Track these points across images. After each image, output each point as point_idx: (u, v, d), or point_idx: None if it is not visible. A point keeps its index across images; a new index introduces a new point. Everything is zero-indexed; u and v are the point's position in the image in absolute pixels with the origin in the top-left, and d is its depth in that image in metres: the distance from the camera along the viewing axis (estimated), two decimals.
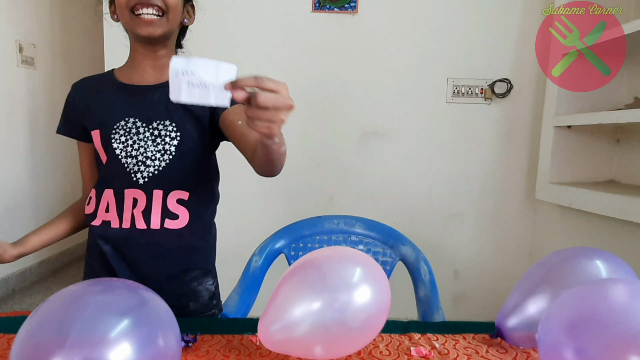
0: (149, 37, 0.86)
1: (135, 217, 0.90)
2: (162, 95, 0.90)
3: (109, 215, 0.92)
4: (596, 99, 1.72)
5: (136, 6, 0.82)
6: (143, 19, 0.83)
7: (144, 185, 0.90)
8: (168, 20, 0.86)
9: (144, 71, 0.93)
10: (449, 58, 1.94)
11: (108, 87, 0.94)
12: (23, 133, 2.63)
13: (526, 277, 0.75)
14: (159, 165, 0.90)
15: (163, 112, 0.90)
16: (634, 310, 0.53)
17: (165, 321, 0.54)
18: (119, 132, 0.90)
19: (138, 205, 0.90)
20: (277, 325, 0.61)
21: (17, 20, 2.54)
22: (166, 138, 0.90)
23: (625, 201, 1.36)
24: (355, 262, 0.66)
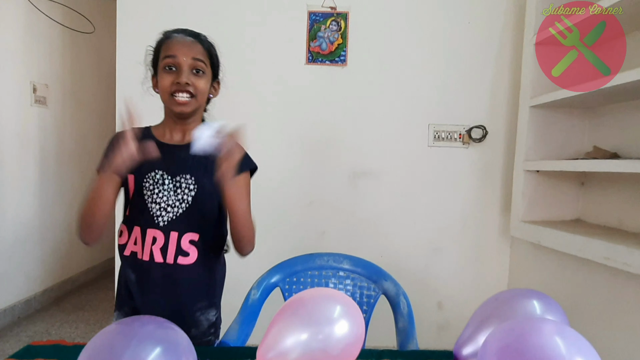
0: (181, 113, 1.09)
1: (154, 252, 1.08)
2: (186, 153, 1.08)
3: (136, 247, 1.10)
4: (562, 146, 1.89)
5: (174, 91, 1.06)
6: (178, 100, 1.06)
7: (164, 227, 1.08)
8: (197, 100, 1.09)
9: (173, 132, 1.15)
10: (430, 106, 2.12)
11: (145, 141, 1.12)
12: (33, 167, 2.79)
13: (478, 312, 0.91)
14: (177, 212, 1.09)
15: (185, 168, 1.11)
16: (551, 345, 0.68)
17: (187, 349, 0.69)
18: (148, 182, 1.09)
19: (157, 242, 1.08)
20: (273, 353, 0.76)
21: (31, 63, 2.73)
22: (185, 190, 1.10)
23: (582, 241, 1.53)
24: (336, 301, 0.81)
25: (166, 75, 1.07)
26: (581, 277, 1.71)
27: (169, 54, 1.07)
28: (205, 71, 1.09)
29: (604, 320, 1.59)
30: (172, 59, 1.06)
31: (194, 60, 1.07)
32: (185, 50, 1.07)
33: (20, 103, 2.65)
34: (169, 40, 1.11)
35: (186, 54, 1.06)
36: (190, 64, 1.07)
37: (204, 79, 1.09)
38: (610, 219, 1.74)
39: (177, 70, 1.07)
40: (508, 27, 2.08)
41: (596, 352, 0.66)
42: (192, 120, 1.14)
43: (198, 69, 1.08)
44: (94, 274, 3.50)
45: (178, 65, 1.06)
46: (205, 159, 1.08)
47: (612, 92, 1.49)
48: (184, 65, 1.06)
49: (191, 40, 1.10)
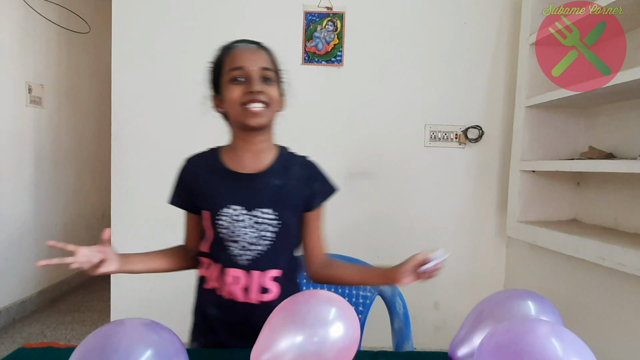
0: (257, 126, 0.99)
1: (235, 292, 1.01)
2: (264, 184, 1.02)
3: (217, 284, 1.04)
4: (557, 146, 1.90)
5: (246, 102, 0.97)
6: (251, 111, 0.97)
7: (245, 266, 1.01)
8: (271, 110, 1.00)
9: (245, 157, 1.04)
10: (427, 106, 2.12)
11: (216, 172, 1.04)
12: (29, 168, 2.77)
13: (473, 313, 0.91)
14: (259, 250, 1.01)
15: (265, 201, 1.01)
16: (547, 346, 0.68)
17: (179, 351, 0.69)
18: (222, 218, 1.00)
19: (239, 282, 1.01)
20: (267, 355, 0.76)
21: (27, 63, 2.72)
22: (267, 226, 1.00)
23: (578, 241, 1.53)
24: (331, 303, 0.80)
25: (235, 87, 0.98)
26: (577, 277, 1.72)
27: (236, 65, 0.99)
28: (274, 79, 1.01)
29: (599, 320, 1.59)
30: (240, 70, 0.98)
31: (263, 70, 0.99)
32: (253, 59, 0.99)
33: (15, 103, 2.64)
34: (232, 51, 1.02)
35: (254, 62, 0.99)
36: (260, 72, 0.98)
37: (274, 86, 1.00)
38: (606, 219, 1.74)
39: (246, 81, 0.98)
40: (504, 27, 2.08)
41: (592, 353, 0.66)
42: (265, 138, 1.04)
43: (267, 77, 0.99)
44: (90, 275, 3.48)
45: (247, 76, 0.98)
46: (282, 188, 1.03)
47: (607, 92, 1.50)
48: (253, 74, 0.97)
49: (255, 47, 1.03)
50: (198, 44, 2.12)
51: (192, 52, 2.12)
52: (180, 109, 2.13)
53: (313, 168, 1.11)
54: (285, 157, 1.09)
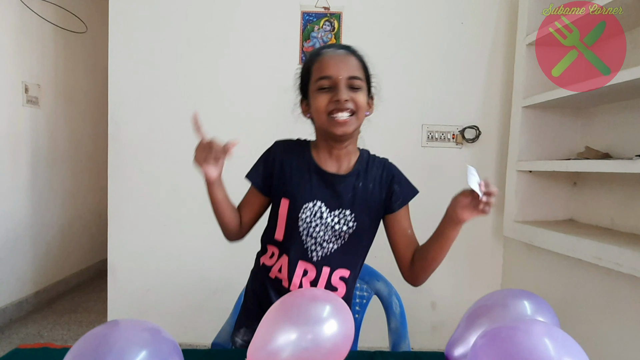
0: (343, 135, 1.00)
1: (303, 284, 1.03)
2: (347, 185, 1.04)
3: (281, 275, 1.05)
4: (554, 146, 1.90)
5: (333, 111, 0.97)
6: (338, 120, 0.97)
7: (317, 262, 1.03)
8: (358, 118, 1.00)
9: (331, 159, 1.06)
10: (424, 106, 2.12)
11: (305, 165, 1.06)
12: (25, 168, 2.76)
13: (469, 313, 0.91)
14: (332, 248, 1.03)
15: (345, 202, 1.03)
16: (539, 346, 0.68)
17: (173, 352, 0.69)
18: (305, 213, 1.02)
19: (308, 275, 1.03)
20: (264, 352, 0.76)
21: (23, 63, 2.71)
22: (344, 226, 1.03)
23: (574, 241, 1.53)
24: (325, 300, 0.81)
25: (322, 96, 0.98)
26: (573, 277, 1.72)
27: (323, 74, 0.98)
28: (362, 87, 1.00)
29: (596, 319, 1.60)
30: (328, 79, 0.98)
31: (351, 79, 0.98)
32: (341, 67, 0.98)
33: (11, 103, 2.63)
34: (320, 58, 1.01)
35: (341, 71, 0.97)
36: (347, 81, 0.97)
37: (362, 94, 1.00)
38: (602, 219, 1.75)
39: (334, 89, 0.97)
40: (501, 27, 2.08)
41: (585, 354, 0.66)
42: (349, 143, 1.05)
43: (355, 86, 0.98)
44: (87, 275, 3.47)
45: (334, 85, 0.97)
46: (362, 191, 1.04)
47: (604, 92, 1.50)
48: (340, 83, 0.97)
49: (344, 53, 1.02)
50: (195, 44, 2.12)
51: (189, 51, 2.12)
52: (177, 109, 2.13)
53: (392, 170, 1.13)
54: (366, 159, 1.10)
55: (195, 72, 2.12)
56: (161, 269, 2.17)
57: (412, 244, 1.10)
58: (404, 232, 1.09)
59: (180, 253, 2.18)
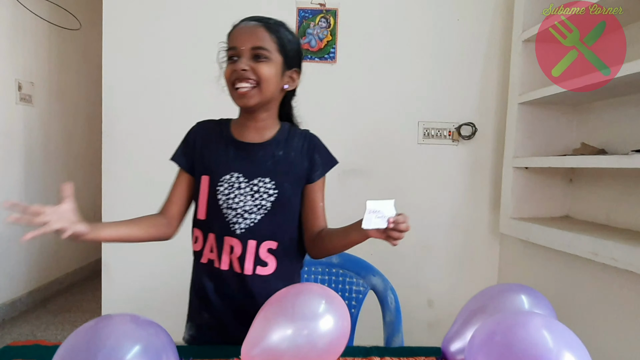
0: (244, 107, 1.00)
1: (232, 261, 1.01)
2: (265, 153, 1.03)
3: (213, 255, 1.03)
4: (550, 142, 1.90)
5: (235, 81, 0.97)
6: (239, 92, 0.97)
7: (241, 235, 1.01)
8: (261, 90, 0.98)
9: (248, 131, 1.05)
10: (420, 103, 2.12)
11: (223, 140, 1.06)
12: (19, 166, 2.74)
13: (466, 308, 0.90)
14: (254, 218, 1.01)
15: (264, 170, 1.02)
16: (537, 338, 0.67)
17: (168, 347, 0.68)
18: (223, 185, 1.01)
19: (234, 251, 1.01)
20: (258, 349, 0.75)
21: (17, 60, 2.68)
22: (264, 194, 1.01)
23: (570, 237, 1.53)
24: (321, 296, 0.80)
25: (227, 66, 1.00)
26: (570, 273, 1.72)
27: (230, 45, 1.00)
28: (270, 57, 0.98)
29: (591, 314, 1.60)
30: (233, 50, 0.98)
31: (254, 49, 0.97)
32: (245, 38, 0.98)
33: (5, 101, 2.61)
34: (232, 30, 1.03)
35: (245, 41, 0.97)
36: (250, 50, 0.97)
37: (267, 64, 0.97)
38: (598, 215, 1.75)
39: (237, 59, 0.98)
40: (497, 24, 2.08)
41: (583, 345, 0.66)
42: (266, 116, 1.04)
43: (259, 55, 0.97)
44: (82, 275, 3.45)
45: (238, 55, 0.98)
46: (282, 159, 1.03)
47: (600, 88, 1.49)
48: (243, 53, 0.97)
49: (254, 25, 1.01)
50: (189, 40, 2.10)
51: (183, 48, 2.10)
52: (171, 105, 2.11)
53: (314, 140, 1.12)
54: (287, 130, 1.09)
55: (190, 69, 2.10)
56: (156, 268, 2.15)
57: (321, 219, 1.09)
58: (317, 205, 1.08)
59: (174, 252, 2.15)
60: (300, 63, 1.07)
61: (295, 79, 1.07)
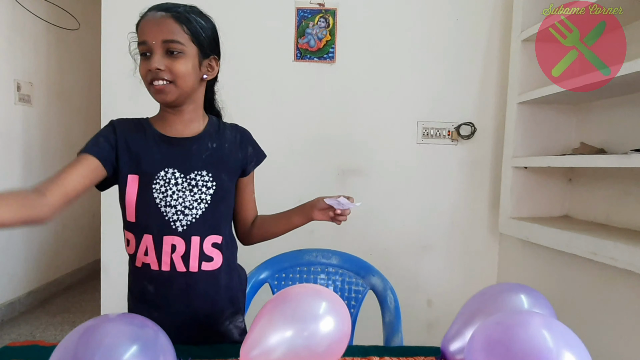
0: (163, 102, 0.98)
1: (174, 261, 0.97)
2: (199, 147, 1.01)
3: (147, 259, 0.97)
4: (549, 142, 1.90)
5: (150, 80, 0.95)
6: (155, 87, 0.94)
7: (183, 232, 0.97)
8: (177, 86, 0.94)
9: (175, 125, 1.01)
10: (419, 103, 2.11)
11: (149, 137, 1.00)
12: (18, 167, 2.73)
13: (465, 308, 0.90)
14: (196, 213, 0.98)
15: (200, 163, 0.99)
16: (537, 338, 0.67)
17: (165, 347, 0.67)
18: (159, 183, 0.96)
19: (177, 250, 0.97)
20: (257, 351, 0.75)
21: (15, 60, 2.68)
22: (202, 188, 0.99)
23: (569, 237, 1.53)
24: (321, 297, 0.79)
25: (142, 63, 0.95)
26: (569, 273, 1.72)
27: (140, 40, 0.95)
28: (184, 51, 0.94)
29: (591, 314, 1.60)
30: (143, 45, 0.94)
31: (166, 43, 0.92)
32: (155, 32, 0.92)
33: (3, 102, 2.60)
34: (140, 21, 0.97)
35: (155, 35, 0.92)
36: (162, 45, 0.92)
37: (182, 59, 0.93)
38: (598, 215, 1.75)
39: (150, 55, 0.93)
40: (496, 23, 2.08)
41: (584, 345, 0.66)
42: (192, 108, 1.01)
43: (172, 50, 0.92)
44: (81, 275, 3.44)
45: (149, 51, 0.93)
46: (217, 151, 1.02)
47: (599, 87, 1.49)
48: (155, 49, 0.92)
49: (161, 16, 0.94)
50: None
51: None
52: None
53: (245, 134, 1.13)
54: (217, 123, 1.09)
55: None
56: None
57: (254, 209, 1.16)
58: (250, 196, 1.13)
59: None
60: (218, 49, 1.05)
61: (214, 67, 1.05)
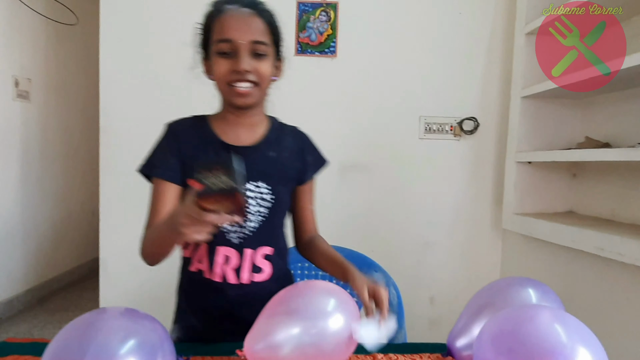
0: (243, 105, 0.92)
1: (226, 273, 0.95)
2: (258, 157, 0.96)
3: (202, 266, 0.96)
4: (553, 137, 1.88)
5: (233, 80, 0.89)
6: (238, 91, 0.89)
7: (237, 244, 0.94)
8: (261, 89, 0.92)
9: (238, 130, 0.97)
10: (421, 98, 2.09)
11: (208, 142, 0.97)
12: (16, 164, 2.71)
13: (471, 303, 0.88)
14: (253, 227, 0.95)
15: (258, 175, 0.95)
16: (550, 333, 0.65)
17: (164, 343, 0.65)
18: None
19: (230, 262, 0.95)
20: (262, 345, 0.72)
21: (13, 56, 2.65)
22: (260, 201, 0.95)
23: (575, 232, 1.51)
24: (330, 294, 0.77)
25: (222, 62, 0.89)
26: (574, 269, 1.70)
27: (223, 37, 0.88)
28: (268, 52, 0.91)
29: (597, 311, 1.58)
30: (228, 43, 0.88)
31: (254, 44, 0.88)
32: (243, 31, 0.88)
33: (1, 98, 2.58)
34: (222, 16, 0.90)
35: (244, 35, 0.87)
36: (250, 47, 0.88)
37: (266, 61, 0.90)
38: (603, 210, 1.73)
39: (234, 55, 0.88)
40: (499, 17, 2.06)
41: (597, 339, 0.64)
42: (256, 112, 0.98)
43: (259, 52, 0.89)
44: (79, 273, 3.42)
45: (235, 50, 0.88)
46: (276, 161, 0.98)
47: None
48: (242, 49, 0.87)
49: (249, 13, 0.90)
50: (188, 34, 2.07)
51: (182, 42, 2.07)
52: (169, 100, 2.08)
53: (305, 139, 1.08)
54: (277, 128, 1.05)
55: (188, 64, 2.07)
56: (154, 266, 2.13)
57: (310, 224, 1.08)
58: (306, 208, 1.06)
59: None
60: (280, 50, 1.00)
61: (280, 68, 1.01)
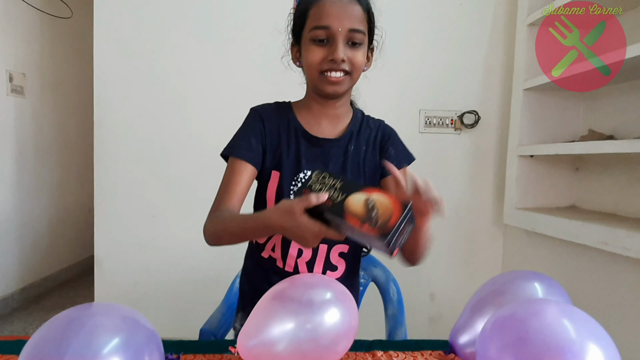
0: (333, 94, 0.90)
1: (298, 265, 0.93)
2: (339, 151, 0.94)
3: (275, 254, 0.95)
4: (556, 130, 1.85)
5: (327, 69, 0.87)
6: (330, 79, 0.87)
7: None
8: (352, 78, 0.90)
9: (321, 121, 0.96)
10: (422, 91, 2.06)
11: (292, 131, 0.95)
12: (10, 160, 2.67)
13: (474, 298, 0.84)
14: None
15: (339, 169, 0.93)
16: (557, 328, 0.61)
17: (151, 341, 0.61)
18: (298, 185, 0.91)
19: (303, 255, 0.93)
20: (255, 341, 0.69)
21: (7, 50, 2.61)
22: None
23: (579, 226, 1.48)
24: (326, 287, 0.73)
25: (316, 49, 0.86)
26: (577, 264, 1.66)
27: (320, 24, 0.85)
28: (363, 41, 0.88)
29: (602, 305, 1.54)
30: (325, 30, 0.85)
31: (352, 32, 0.86)
32: (342, 18, 0.85)
33: None
34: (320, 2, 0.87)
35: (342, 22, 0.85)
36: (347, 35, 0.85)
37: (361, 50, 0.88)
38: (606, 204, 1.69)
39: (330, 43, 0.86)
40: (501, 7, 2.02)
41: (608, 334, 0.60)
42: (342, 103, 0.96)
43: (355, 41, 0.87)
44: (75, 271, 3.38)
45: (331, 37, 0.85)
46: (357, 157, 0.95)
47: None
48: (338, 37, 0.85)
49: (348, 0, 0.87)
50: (184, 29, 2.04)
51: (177, 37, 2.03)
52: (165, 95, 2.05)
53: (387, 134, 1.04)
54: (360, 120, 1.01)
55: (183, 57, 2.04)
56: (150, 262, 2.10)
57: None
58: None
59: (169, 245, 2.10)
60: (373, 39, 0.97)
61: (370, 58, 0.98)
